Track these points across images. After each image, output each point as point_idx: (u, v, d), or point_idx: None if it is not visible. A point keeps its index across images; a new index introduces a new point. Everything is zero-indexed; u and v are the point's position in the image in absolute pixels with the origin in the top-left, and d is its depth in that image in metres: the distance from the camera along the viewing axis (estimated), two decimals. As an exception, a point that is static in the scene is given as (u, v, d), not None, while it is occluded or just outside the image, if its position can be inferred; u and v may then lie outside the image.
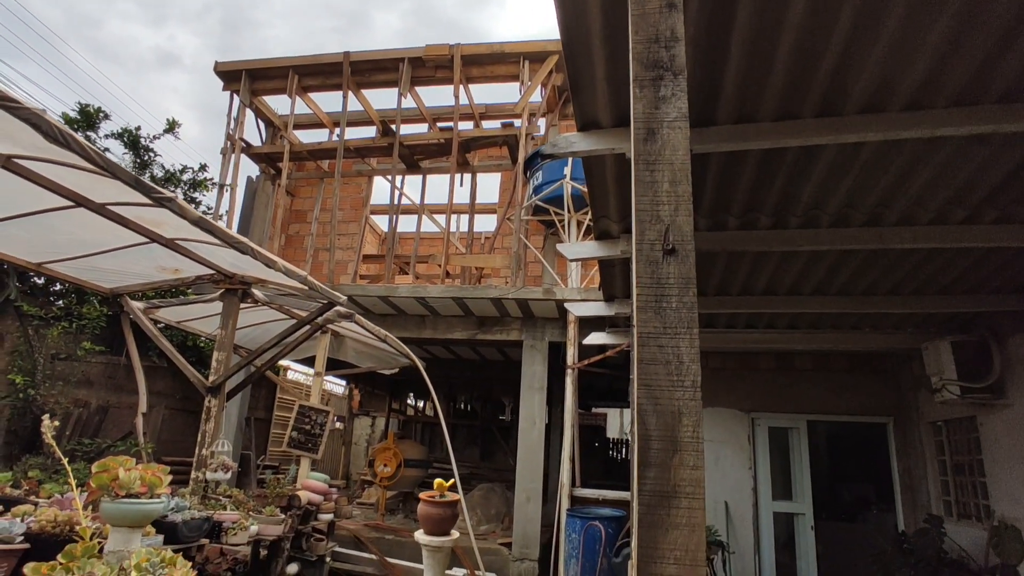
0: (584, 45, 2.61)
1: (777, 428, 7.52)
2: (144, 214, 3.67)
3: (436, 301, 8.06)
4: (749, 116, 3.03)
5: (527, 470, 7.92)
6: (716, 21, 2.46)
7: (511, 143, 9.42)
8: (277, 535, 4.43)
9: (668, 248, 1.21)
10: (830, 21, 2.45)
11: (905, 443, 7.26)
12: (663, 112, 1.35)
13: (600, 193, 3.80)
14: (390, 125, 9.63)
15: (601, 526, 5.85)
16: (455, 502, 4.33)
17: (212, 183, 10.57)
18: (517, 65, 9.04)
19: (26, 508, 3.14)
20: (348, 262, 10.51)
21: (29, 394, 7.85)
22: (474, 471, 12.66)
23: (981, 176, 3.46)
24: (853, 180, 3.55)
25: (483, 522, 9.54)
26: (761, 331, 6.46)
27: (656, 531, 1.06)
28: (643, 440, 1.12)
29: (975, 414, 5.89)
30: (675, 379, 1.13)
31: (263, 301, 5.24)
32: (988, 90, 2.77)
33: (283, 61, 9.91)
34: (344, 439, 14.47)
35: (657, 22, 1.42)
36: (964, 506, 6.22)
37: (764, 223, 4.04)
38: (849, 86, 2.80)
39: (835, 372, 7.53)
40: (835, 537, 7.92)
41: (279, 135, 10.66)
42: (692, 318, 1.17)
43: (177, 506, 3.56)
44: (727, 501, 7.22)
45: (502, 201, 11.07)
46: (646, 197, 1.28)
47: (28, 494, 4.16)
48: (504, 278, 10.32)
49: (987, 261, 4.47)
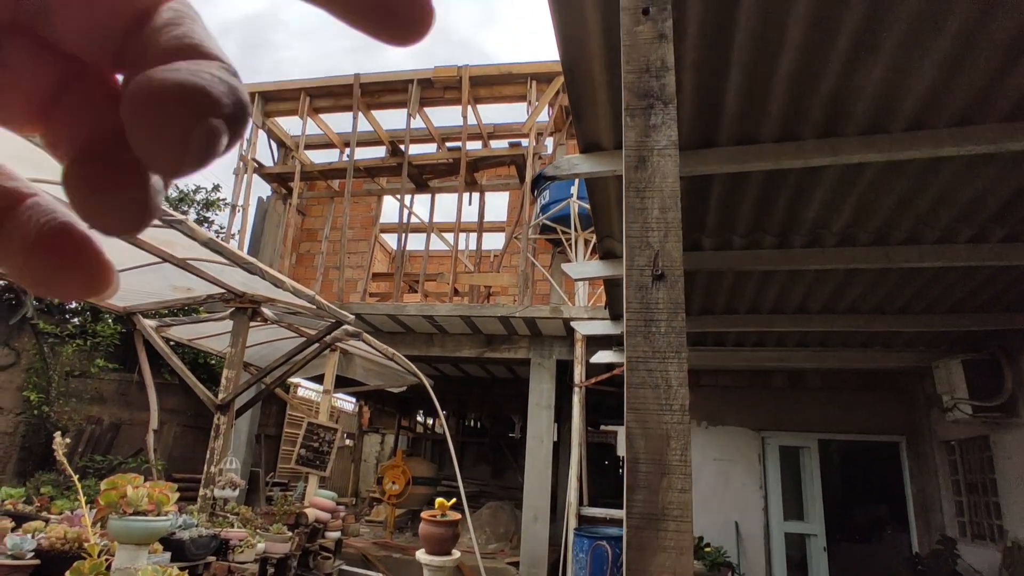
0: (585, 71, 2.66)
1: (788, 447, 7.44)
2: (157, 235, 3.75)
3: (444, 319, 8.10)
4: (750, 137, 3.06)
5: (535, 488, 7.88)
6: (715, 46, 2.51)
7: (519, 162, 9.51)
8: (284, 553, 4.44)
9: (657, 274, 1.23)
10: (828, 44, 2.49)
11: (918, 463, 7.16)
12: (653, 140, 1.39)
13: (604, 213, 3.84)
14: (399, 145, 9.76)
15: (608, 546, 5.80)
16: (456, 521, 4.32)
17: (225, 203, 10.74)
18: (525, 85, 9.16)
19: (37, 524, 3.19)
20: (358, 280, 10.60)
21: (43, 411, 7.95)
22: (483, 489, 12.59)
23: (988, 195, 3.46)
24: (857, 200, 3.56)
25: (491, 540, 9.47)
26: (770, 349, 6.43)
27: (644, 553, 1.08)
28: (632, 463, 1.14)
29: (988, 433, 5.81)
30: (664, 403, 1.15)
31: (272, 319, 5.31)
32: (992, 109, 2.79)
33: (295, 84, 10.11)
34: (353, 456, 14.46)
35: (648, 52, 1.47)
36: (978, 527, 6.11)
37: (769, 242, 4.06)
38: (849, 108, 2.82)
39: (846, 390, 7.46)
40: (848, 559, 7.80)
41: (291, 155, 10.83)
42: (680, 343, 1.19)
43: (185, 523, 3.59)
44: (737, 521, 7.13)
45: (510, 220, 11.15)
46: (636, 223, 1.31)
47: (40, 510, 4.22)
48: (512, 296, 10.35)
49: (997, 279, 4.45)
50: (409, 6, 0.19)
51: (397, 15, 0.19)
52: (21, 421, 7.96)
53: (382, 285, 12.38)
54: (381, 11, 0.19)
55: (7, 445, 7.91)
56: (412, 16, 0.19)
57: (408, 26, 0.19)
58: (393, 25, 0.19)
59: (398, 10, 0.19)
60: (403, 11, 0.19)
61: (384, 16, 0.19)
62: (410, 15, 0.19)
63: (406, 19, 0.19)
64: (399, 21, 0.19)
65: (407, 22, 0.19)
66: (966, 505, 6.34)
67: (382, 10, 0.19)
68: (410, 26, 0.19)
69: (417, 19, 0.19)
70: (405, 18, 0.19)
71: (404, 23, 0.19)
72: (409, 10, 0.19)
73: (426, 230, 10.03)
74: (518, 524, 9.20)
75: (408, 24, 0.19)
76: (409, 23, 0.19)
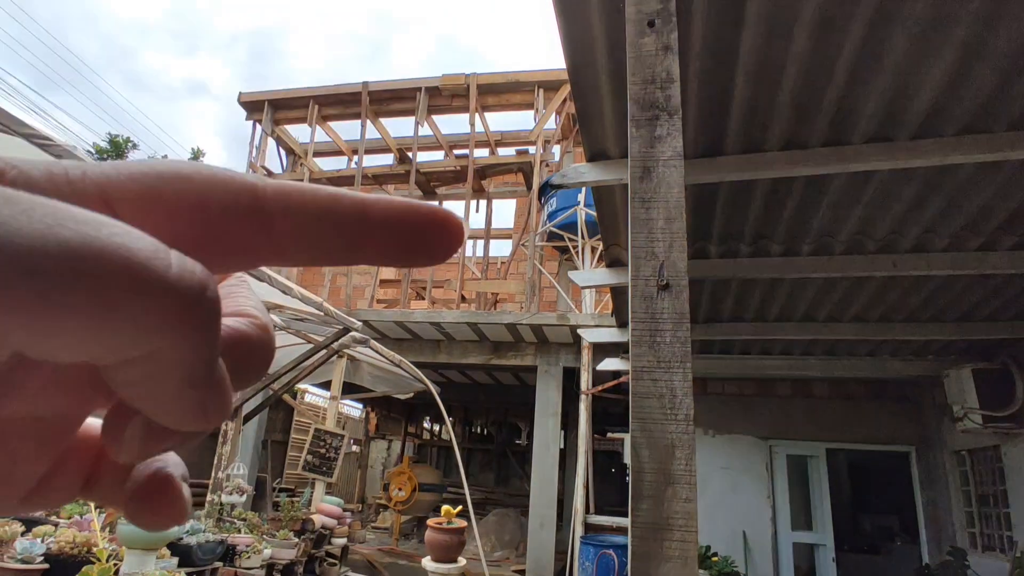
0: (591, 81, 2.68)
1: (796, 456, 7.39)
2: (167, 242, 3.79)
3: (451, 326, 8.12)
4: (756, 146, 3.07)
5: (541, 496, 7.86)
6: (720, 56, 2.52)
7: (526, 170, 9.54)
8: (290, 559, 4.45)
9: (662, 284, 1.24)
10: (834, 53, 2.49)
11: (929, 473, 7.09)
12: (659, 151, 1.40)
13: (610, 221, 3.85)
14: (407, 153, 9.82)
15: (614, 554, 5.77)
16: (462, 529, 4.32)
17: (234, 209, 10.81)
18: (532, 93, 9.20)
19: (46, 529, 3.22)
20: (365, 287, 10.65)
21: (53, 415, 8.01)
22: (489, 496, 12.57)
23: (996, 203, 3.45)
24: (864, 207, 3.55)
25: (497, 548, 9.45)
26: (777, 357, 6.41)
27: (649, 563, 1.08)
28: (637, 473, 1.14)
29: (999, 444, 5.75)
30: (668, 412, 1.16)
31: (280, 326, 5.34)
32: (999, 117, 2.78)
33: (304, 92, 10.20)
34: (360, 462, 14.47)
35: (653, 64, 1.48)
36: (989, 538, 6.04)
37: (776, 250, 4.05)
38: (856, 116, 2.83)
39: (854, 399, 7.40)
40: (857, 569, 7.72)
41: (299, 163, 10.92)
42: (685, 352, 1.20)
43: (192, 529, 3.61)
44: (745, 531, 7.08)
45: (517, 227, 11.18)
46: (641, 234, 1.32)
47: (49, 515, 4.25)
48: (519, 303, 10.36)
49: (1006, 288, 4.42)
50: (440, 239, 0.20)
51: (431, 249, 0.20)
52: (31, 425, 8.02)
53: (389, 292, 12.42)
54: (419, 250, 0.20)
55: (17, 449, 7.97)
56: (443, 246, 0.20)
57: (440, 253, 0.20)
58: (425, 255, 0.20)
59: (432, 245, 0.20)
60: (435, 244, 0.20)
61: (421, 253, 0.20)
62: (441, 246, 0.20)
63: (439, 249, 0.20)
64: (432, 251, 0.20)
65: (439, 251, 0.20)
66: (977, 516, 6.27)
67: (420, 248, 0.20)
68: (441, 252, 0.20)
69: (448, 247, 0.20)
70: (438, 249, 0.20)
71: (436, 252, 0.20)
72: (440, 242, 0.20)
73: (433, 237, 10.04)
74: (524, 532, 9.17)
75: (440, 252, 0.20)
76: (441, 251, 0.20)
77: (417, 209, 0.20)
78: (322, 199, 0.18)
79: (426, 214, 0.20)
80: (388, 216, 0.19)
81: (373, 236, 0.19)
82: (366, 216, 0.19)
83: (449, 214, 0.20)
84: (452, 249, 0.20)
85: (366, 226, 0.19)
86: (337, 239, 0.19)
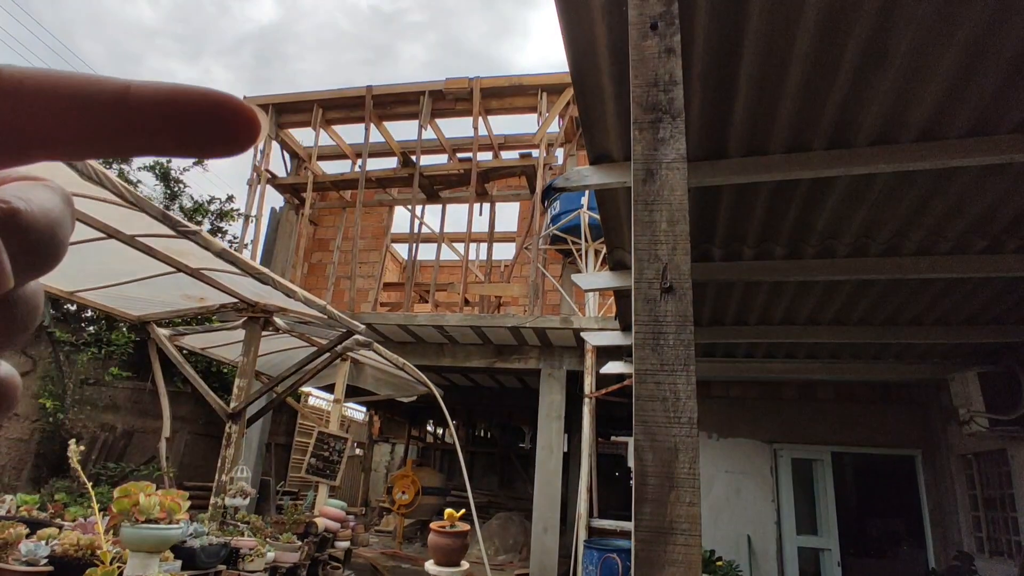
0: (594, 84, 2.68)
1: (800, 460, 7.36)
2: (171, 245, 3.81)
3: (454, 329, 8.12)
4: (760, 148, 3.06)
5: (545, 500, 7.84)
6: (723, 59, 2.52)
7: (529, 173, 9.55)
8: (293, 562, 4.45)
9: (666, 286, 1.24)
10: (836, 56, 2.49)
11: (935, 477, 7.05)
12: (662, 154, 1.40)
13: (614, 224, 3.84)
14: (411, 156, 9.84)
15: (618, 558, 5.75)
16: (465, 532, 4.31)
17: (238, 213, 10.87)
18: (535, 97, 9.21)
19: (51, 531, 3.22)
20: (369, 290, 10.66)
21: (58, 418, 8.04)
22: (492, 499, 12.54)
23: (1001, 206, 3.43)
24: (868, 210, 3.54)
25: (500, 552, 9.42)
26: (781, 361, 6.38)
27: (653, 568, 1.07)
28: (640, 476, 1.14)
29: (1005, 447, 5.71)
30: (672, 416, 1.16)
31: (284, 329, 5.35)
32: (1003, 120, 2.77)
33: (308, 95, 10.23)
34: (363, 465, 14.47)
35: (656, 67, 1.48)
36: (996, 542, 5.99)
37: (779, 253, 4.04)
38: (859, 118, 2.82)
39: (860, 403, 7.37)
40: (863, 574, 7.67)
41: (303, 166, 10.95)
42: (689, 355, 1.19)
43: (196, 532, 3.61)
44: (749, 535, 7.05)
45: (520, 230, 11.18)
46: (644, 236, 1.32)
47: (54, 517, 4.26)
48: (522, 307, 10.36)
49: (1012, 291, 4.39)
50: (224, 124, 0.19)
51: (212, 135, 0.19)
52: (36, 428, 8.06)
53: (393, 295, 12.44)
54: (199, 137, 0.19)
55: (22, 452, 8.00)
56: (229, 130, 0.19)
57: (236, 142, 0.19)
58: (207, 143, 0.19)
59: (214, 130, 0.19)
60: (218, 130, 0.19)
61: (202, 141, 0.19)
62: (226, 131, 0.19)
63: (222, 135, 0.19)
64: (216, 138, 0.19)
65: (236, 139, 0.19)
66: (984, 520, 6.23)
67: (200, 135, 0.19)
68: (238, 142, 0.19)
69: (235, 132, 0.19)
70: (221, 134, 0.19)
71: (220, 139, 0.19)
72: (225, 127, 0.19)
73: (437, 240, 10.08)
74: (527, 535, 9.15)
75: (236, 140, 0.19)
76: (237, 139, 0.19)
77: (187, 91, 0.18)
78: (78, 80, 0.17)
79: (198, 95, 0.18)
80: (154, 97, 0.18)
81: (140, 119, 0.18)
82: (127, 97, 0.18)
83: (230, 97, 0.19)
84: (239, 134, 0.19)
85: (129, 109, 0.18)
86: (101, 123, 0.18)
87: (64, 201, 0.19)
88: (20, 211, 0.17)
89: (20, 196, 0.18)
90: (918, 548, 7.39)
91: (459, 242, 12.10)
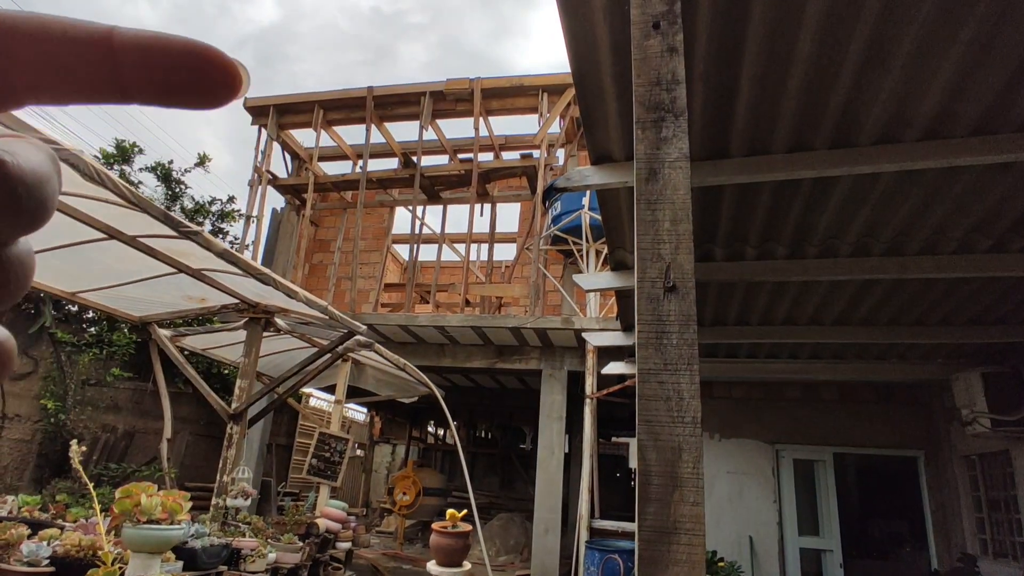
0: (596, 84, 2.68)
1: (802, 460, 7.34)
2: (173, 246, 3.80)
3: (455, 330, 8.11)
4: (762, 148, 3.05)
5: (546, 500, 7.83)
6: (725, 58, 2.51)
7: (530, 173, 9.54)
8: (295, 563, 4.44)
9: (669, 286, 1.23)
10: (839, 55, 2.48)
11: (938, 478, 7.03)
12: (664, 152, 1.39)
13: (615, 224, 3.84)
14: (411, 157, 9.84)
15: (620, 559, 5.74)
16: (467, 533, 4.30)
17: (240, 214, 10.87)
18: (536, 97, 9.21)
19: (52, 532, 3.22)
20: (370, 291, 10.66)
21: (60, 419, 8.04)
22: (493, 500, 12.53)
23: (1005, 205, 3.42)
24: (871, 210, 3.53)
25: (501, 553, 9.41)
26: (784, 361, 6.37)
27: (656, 567, 1.07)
28: (643, 476, 1.13)
29: (1009, 448, 5.69)
30: (675, 415, 1.15)
31: (285, 330, 5.35)
32: (1007, 118, 2.76)
33: (309, 96, 10.24)
34: (364, 466, 14.47)
35: (658, 66, 1.47)
36: (1000, 544, 5.97)
37: (782, 253, 4.03)
38: (862, 118, 2.81)
39: (862, 403, 7.35)
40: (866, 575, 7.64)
41: (304, 167, 10.96)
42: (692, 355, 1.19)
43: (197, 532, 3.61)
44: (751, 536, 7.03)
45: (521, 231, 11.18)
46: (647, 236, 1.31)
47: (55, 518, 4.26)
48: (523, 307, 10.35)
49: (1016, 291, 4.38)
50: (217, 77, 0.19)
51: (198, 84, 0.19)
52: (38, 429, 8.06)
53: (394, 296, 12.44)
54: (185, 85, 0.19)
55: (24, 452, 8.00)
56: (220, 84, 0.19)
57: (217, 94, 0.19)
58: (201, 95, 0.19)
59: (200, 79, 0.19)
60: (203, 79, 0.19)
61: (197, 90, 0.19)
62: (218, 85, 0.19)
63: (217, 87, 0.19)
64: (210, 90, 0.19)
65: (217, 90, 0.19)
66: (987, 522, 6.21)
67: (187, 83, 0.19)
68: (219, 94, 0.19)
69: (225, 86, 0.19)
70: (208, 84, 0.19)
71: (214, 91, 0.19)
72: (217, 81, 0.19)
73: (438, 241, 10.08)
74: (529, 536, 9.14)
75: (217, 92, 0.19)
76: (218, 91, 0.19)
77: (170, 39, 0.18)
78: (64, 23, 0.17)
79: (180, 44, 0.18)
80: (136, 42, 0.18)
81: (123, 65, 0.18)
82: (111, 41, 0.18)
83: (213, 48, 0.19)
84: (220, 85, 0.19)
85: (113, 52, 0.18)
86: (87, 67, 0.17)
87: (50, 159, 0.19)
88: (5, 163, 0.17)
89: (4, 149, 0.17)
90: (920, 549, 7.37)
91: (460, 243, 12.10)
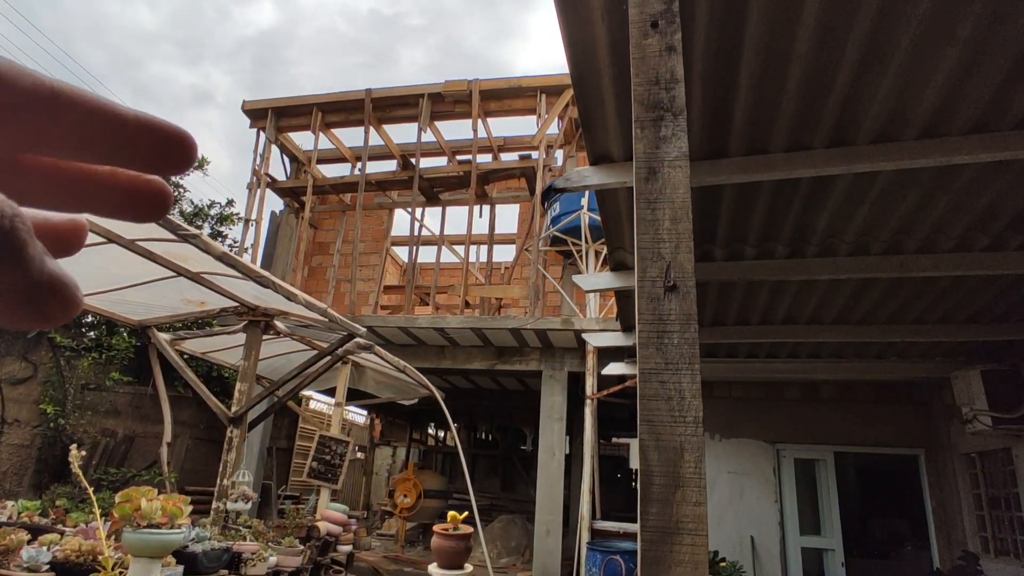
0: (594, 84, 2.68)
1: (803, 460, 7.34)
2: (172, 249, 3.80)
3: (455, 331, 8.10)
4: (761, 147, 3.05)
5: (547, 502, 7.82)
6: (724, 57, 2.51)
7: (529, 175, 9.55)
8: (295, 566, 4.43)
9: (669, 285, 1.23)
10: (837, 54, 2.48)
11: (938, 476, 7.03)
12: (664, 152, 1.39)
13: (614, 225, 3.83)
14: (410, 159, 9.84)
15: (621, 560, 5.73)
16: (469, 535, 4.29)
17: (238, 217, 10.87)
18: (534, 99, 9.21)
19: (52, 537, 3.21)
20: (369, 293, 10.65)
21: (59, 423, 8.03)
22: (494, 502, 12.52)
23: (1004, 202, 3.42)
24: (870, 208, 3.53)
25: (503, 555, 9.40)
26: (784, 360, 6.37)
27: (659, 568, 1.06)
28: (645, 476, 1.13)
29: (1010, 446, 5.69)
30: (677, 415, 1.15)
31: (285, 332, 5.34)
32: (1005, 116, 2.76)
33: (308, 99, 10.24)
34: (365, 469, 14.45)
35: (657, 65, 1.47)
36: (1001, 542, 5.97)
37: (781, 252, 4.03)
38: (860, 116, 2.81)
39: (862, 402, 7.35)
40: (867, 574, 7.64)
41: (303, 170, 10.96)
42: (693, 354, 1.18)
43: (197, 536, 3.60)
44: (753, 536, 7.03)
45: (520, 232, 11.18)
46: (647, 235, 1.31)
47: (55, 523, 4.25)
48: (523, 308, 10.35)
49: (1015, 288, 4.38)
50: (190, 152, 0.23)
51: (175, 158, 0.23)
52: (38, 434, 8.04)
53: (393, 298, 12.43)
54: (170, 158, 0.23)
55: (24, 457, 7.99)
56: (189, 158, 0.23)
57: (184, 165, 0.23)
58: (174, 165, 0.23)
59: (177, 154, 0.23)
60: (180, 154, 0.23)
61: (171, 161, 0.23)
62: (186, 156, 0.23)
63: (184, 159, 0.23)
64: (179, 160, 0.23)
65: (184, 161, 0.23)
66: (988, 520, 6.21)
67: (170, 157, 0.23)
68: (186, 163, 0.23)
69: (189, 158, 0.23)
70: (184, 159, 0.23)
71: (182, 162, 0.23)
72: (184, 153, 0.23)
73: (437, 243, 10.08)
74: (530, 538, 9.13)
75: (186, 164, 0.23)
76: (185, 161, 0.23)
77: (162, 121, 0.23)
78: (99, 99, 0.21)
79: (170, 126, 0.23)
80: (142, 122, 0.22)
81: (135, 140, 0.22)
82: (125, 121, 0.21)
83: (185, 130, 0.23)
84: (189, 159, 0.23)
85: (127, 129, 0.21)
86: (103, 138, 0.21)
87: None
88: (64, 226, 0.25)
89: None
90: (922, 548, 7.37)
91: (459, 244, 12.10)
